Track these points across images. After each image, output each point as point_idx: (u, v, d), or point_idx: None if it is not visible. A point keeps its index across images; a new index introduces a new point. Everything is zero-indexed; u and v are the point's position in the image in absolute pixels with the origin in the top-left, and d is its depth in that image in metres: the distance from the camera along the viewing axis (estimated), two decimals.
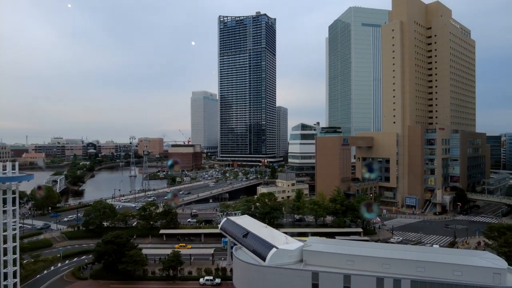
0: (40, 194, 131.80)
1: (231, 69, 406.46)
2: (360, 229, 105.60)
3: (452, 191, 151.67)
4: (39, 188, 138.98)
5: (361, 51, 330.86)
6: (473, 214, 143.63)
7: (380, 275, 48.82)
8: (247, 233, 65.04)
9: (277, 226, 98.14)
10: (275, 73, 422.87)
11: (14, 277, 56.42)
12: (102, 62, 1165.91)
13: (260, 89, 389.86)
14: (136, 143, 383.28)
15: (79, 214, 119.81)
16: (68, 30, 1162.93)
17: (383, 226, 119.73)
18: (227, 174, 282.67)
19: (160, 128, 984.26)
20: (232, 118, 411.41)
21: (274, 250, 54.94)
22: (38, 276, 74.29)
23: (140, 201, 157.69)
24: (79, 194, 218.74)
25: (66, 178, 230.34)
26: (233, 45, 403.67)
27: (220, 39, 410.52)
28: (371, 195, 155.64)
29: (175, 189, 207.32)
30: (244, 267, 57.18)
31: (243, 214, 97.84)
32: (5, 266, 54.91)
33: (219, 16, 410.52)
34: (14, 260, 56.07)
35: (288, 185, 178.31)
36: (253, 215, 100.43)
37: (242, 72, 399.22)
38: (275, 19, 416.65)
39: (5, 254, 54.61)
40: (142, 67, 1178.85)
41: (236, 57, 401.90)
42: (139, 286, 71.27)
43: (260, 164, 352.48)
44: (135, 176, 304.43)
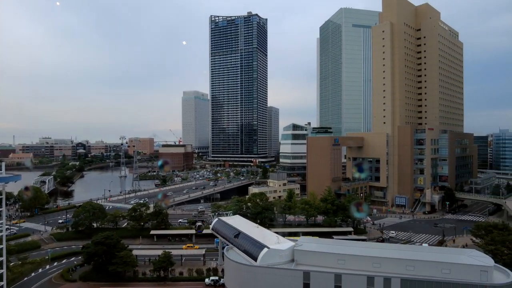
0: (28, 195, 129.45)
1: (222, 69, 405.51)
2: (351, 229, 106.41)
3: (441, 191, 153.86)
4: (26, 189, 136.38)
5: (352, 52, 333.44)
6: (461, 213, 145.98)
7: (370, 274, 49.27)
8: (238, 233, 64.94)
9: (269, 226, 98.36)
10: (267, 73, 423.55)
11: (1, 280, 55.37)
12: (91, 62, 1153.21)
13: (251, 89, 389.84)
14: (126, 143, 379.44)
15: (68, 215, 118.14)
16: (57, 30, 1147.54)
17: (373, 225, 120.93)
18: (218, 174, 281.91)
19: (150, 128, 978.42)
20: (224, 118, 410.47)
21: (265, 250, 54.97)
22: (25, 278, 72.99)
23: (130, 202, 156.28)
24: (68, 194, 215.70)
25: (54, 178, 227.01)
26: (224, 45, 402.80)
27: (211, 39, 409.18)
28: (361, 194, 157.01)
29: (166, 189, 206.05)
30: (236, 267, 57.10)
31: (234, 214, 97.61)
32: None
33: (211, 16, 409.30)
34: (1, 262, 55.02)
35: (280, 185, 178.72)
36: (244, 215, 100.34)
37: (233, 72, 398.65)
38: (266, 19, 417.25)
39: None
40: (132, 67, 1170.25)
41: (228, 57, 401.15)
42: None
43: (252, 164, 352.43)
44: (125, 176, 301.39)
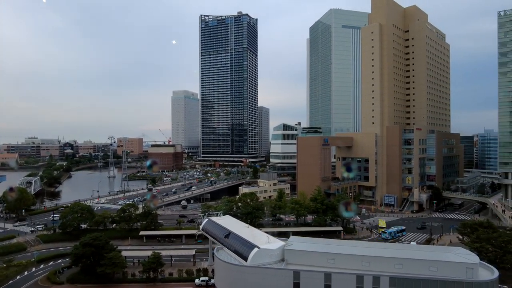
0: (12, 196, 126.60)
1: (212, 69, 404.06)
2: (340, 228, 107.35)
3: (428, 190, 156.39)
4: (11, 190, 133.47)
5: (341, 52, 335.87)
6: (448, 212, 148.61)
7: (360, 272, 49.77)
8: (228, 234, 64.87)
9: (259, 226, 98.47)
10: (257, 73, 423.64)
11: None
12: (79, 61, 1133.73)
13: (242, 89, 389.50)
14: (115, 143, 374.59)
15: (55, 216, 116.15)
16: (43, 28, 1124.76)
17: (363, 225, 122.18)
18: (208, 174, 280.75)
19: (140, 128, 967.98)
20: (214, 118, 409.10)
21: (255, 250, 55.04)
22: (10, 281, 71.26)
23: (119, 203, 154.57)
24: (55, 195, 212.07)
25: (41, 179, 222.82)
26: (214, 45, 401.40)
27: (201, 38, 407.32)
28: (350, 194, 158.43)
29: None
30: (226, 268, 57.01)
31: (224, 214, 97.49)
32: None
33: (201, 15, 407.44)
34: None
35: (270, 185, 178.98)
36: (235, 215, 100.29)
37: (223, 71, 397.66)
38: (256, 19, 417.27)
39: None
40: (121, 67, 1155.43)
41: (218, 57, 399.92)
42: None
43: (242, 164, 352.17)
44: (114, 176, 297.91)
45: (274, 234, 72.67)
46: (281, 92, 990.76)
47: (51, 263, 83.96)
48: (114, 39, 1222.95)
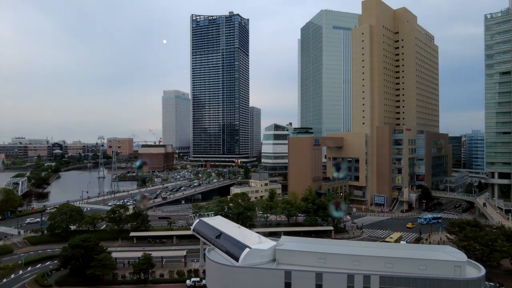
0: None
1: (203, 69, 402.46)
2: (331, 227, 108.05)
3: (418, 189, 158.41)
4: None
5: (332, 53, 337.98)
6: (437, 211, 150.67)
7: (350, 272, 50.18)
8: (220, 234, 64.75)
9: (250, 226, 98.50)
10: (249, 73, 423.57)
11: None
12: (67, 61, 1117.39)
13: (233, 89, 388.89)
14: (103, 144, 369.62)
15: (43, 218, 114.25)
16: (30, 28, 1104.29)
17: (353, 224, 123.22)
18: (200, 175, 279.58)
19: (130, 128, 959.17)
20: (205, 118, 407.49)
21: (247, 250, 55.04)
22: None
23: (108, 204, 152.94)
24: (43, 196, 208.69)
25: (29, 180, 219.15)
26: (205, 45, 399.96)
27: (192, 38, 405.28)
28: (341, 194, 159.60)
29: (148, 190, 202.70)
30: (217, 268, 56.89)
31: (216, 215, 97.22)
32: None
33: (192, 14, 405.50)
34: None
35: (262, 185, 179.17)
36: (226, 215, 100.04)
37: (215, 71, 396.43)
38: (248, 19, 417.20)
39: None
40: (111, 67, 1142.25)
41: (209, 57, 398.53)
42: None
43: (234, 164, 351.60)
44: (103, 177, 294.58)
45: (265, 234, 72.76)
46: (273, 93, 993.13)
47: (39, 265, 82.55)
48: (103, 38, 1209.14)
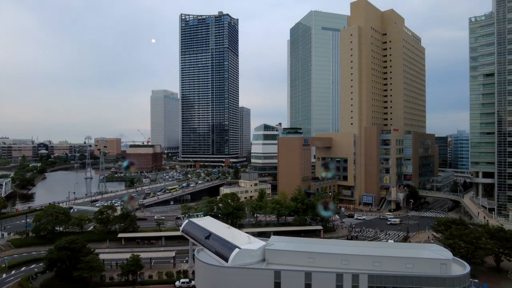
0: None
1: (193, 68, 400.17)
2: (320, 227, 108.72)
3: (405, 189, 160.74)
4: None
5: (321, 54, 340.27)
6: (424, 210, 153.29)
7: (339, 271, 50.54)
8: (209, 235, 64.43)
9: (240, 226, 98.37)
10: (238, 73, 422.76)
11: None
12: (54, 61, 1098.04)
13: (222, 89, 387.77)
14: (91, 146, 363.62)
15: (28, 220, 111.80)
16: (15, 28, 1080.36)
17: (342, 223, 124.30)
18: (189, 175, 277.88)
19: (118, 128, 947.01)
20: (194, 117, 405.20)
21: (236, 250, 54.91)
22: None
23: (96, 204, 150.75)
24: (28, 198, 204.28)
25: (13, 181, 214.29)
26: (195, 44, 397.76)
27: (181, 37, 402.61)
28: (330, 193, 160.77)
29: (136, 191, 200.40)
30: (206, 269, 56.58)
31: (205, 215, 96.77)
32: None
33: (181, 14, 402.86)
34: None
35: (251, 185, 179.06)
36: (215, 216, 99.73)
37: (204, 71, 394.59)
38: (237, 19, 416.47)
39: None
40: (99, 66, 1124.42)
41: (198, 56, 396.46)
42: None
43: (223, 164, 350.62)
44: (91, 178, 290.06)
45: (255, 234, 72.76)
46: (262, 93, 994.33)
47: (23, 268, 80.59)
48: (90, 38, 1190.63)
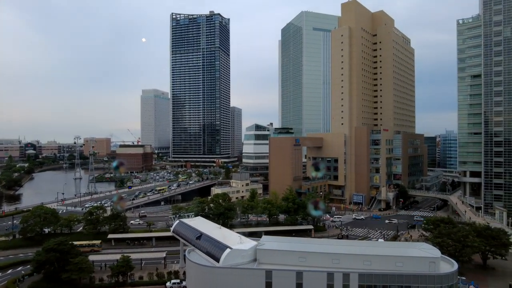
0: None
1: (183, 68, 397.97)
2: (311, 226, 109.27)
3: (395, 188, 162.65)
4: None
5: (312, 54, 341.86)
6: (413, 209, 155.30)
7: (330, 270, 50.85)
8: (200, 235, 64.18)
9: (231, 227, 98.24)
10: (229, 73, 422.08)
11: None
12: (42, 60, 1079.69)
13: (214, 89, 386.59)
14: (81, 143, 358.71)
15: (15, 221, 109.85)
16: (1, 26, 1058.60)
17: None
18: (179, 175, 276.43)
19: (107, 127, 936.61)
20: (185, 117, 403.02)
21: (228, 250, 54.81)
22: None
23: (85, 205, 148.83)
24: (15, 199, 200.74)
25: None
26: (186, 44, 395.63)
27: (172, 36, 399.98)
28: (321, 193, 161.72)
29: (126, 191, 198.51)
30: (197, 269, 56.34)
31: (196, 215, 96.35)
32: None
33: (172, 13, 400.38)
34: None
35: (243, 185, 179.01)
36: (206, 216, 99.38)
37: (195, 71, 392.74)
38: (228, 19, 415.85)
39: None
40: (87, 66, 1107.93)
41: (189, 56, 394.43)
42: None
43: (215, 164, 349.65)
44: (80, 178, 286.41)
45: (246, 234, 72.73)
46: (254, 93, 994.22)
47: (10, 271, 79.08)
48: (79, 37, 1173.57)
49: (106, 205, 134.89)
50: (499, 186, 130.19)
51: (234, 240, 59.38)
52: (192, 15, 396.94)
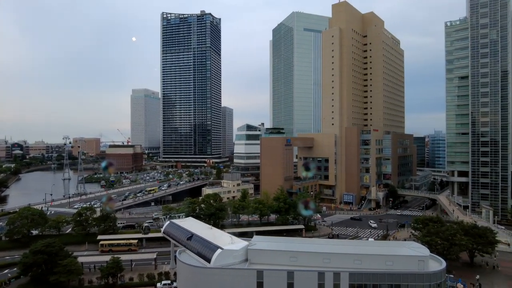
0: None
1: (174, 67, 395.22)
2: (302, 226, 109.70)
3: (385, 188, 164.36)
4: None
5: (303, 55, 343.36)
6: (403, 208, 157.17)
7: (321, 269, 51.15)
8: (191, 236, 63.86)
9: (222, 227, 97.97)
10: (221, 73, 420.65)
11: None
12: (28, 59, 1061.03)
13: (205, 89, 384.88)
14: (70, 143, 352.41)
15: (0, 223, 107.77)
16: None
17: (323, 222, 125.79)
18: (170, 176, 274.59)
19: (97, 127, 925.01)
20: (176, 117, 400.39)
21: (219, 251, 54.67)
22: None
23: (74, 206, 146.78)
24: (1, 200, 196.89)
25: None
26: (176, 43, 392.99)
27: (163, 36, 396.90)
28: (312, 193, 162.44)
29: (114, 192, 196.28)
30: (189, 270, 56.06)
31: (187, 216, 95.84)
32: None
33: (162, 12, 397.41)
34: None
35: (234, 185, 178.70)
36: (197, 217, 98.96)
37: (186, 70, 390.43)
38: (220, 19, 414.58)
39: None
40: (76, 65, 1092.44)
41: (180, 56, 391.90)
42: None
43: (206, 165, 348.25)
44: (69, 179, 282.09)
45: (237, 235, 72.58)
46: (245, 93, 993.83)
47: None
48: (68, 36, 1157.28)
49: (95, 206, 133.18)
50: (486, 185, 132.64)
51: (225, 241, 59.25)
52: (183, 14, 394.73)
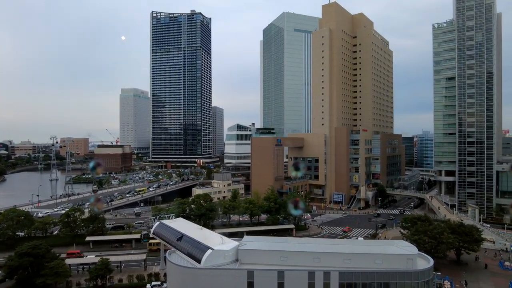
0: None
1: (164, 67, 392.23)
2: (292, 226, 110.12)
3: (374, 187, 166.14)
4: None
5: (293, 55, 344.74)
6: (392, 208, 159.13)
7: (311, 269, 51.37)
8: (181, 236, 63.43)
9: (213, 227, 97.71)
10: (211, 73, 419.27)
11: None
12: (13, 56, 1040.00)
13: (195, 89, 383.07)
14: (57, 143, 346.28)
15: None
16: None
17: (313, 222, 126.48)
18: (160, 176, 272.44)
19: (85, 127, 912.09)
20: (166, 117, 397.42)
21: (209, 251, 54.44)
22: None
23: (62, 208, 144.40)
24: None
25: None
26: (166, 42, 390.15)
27: (152, 35, 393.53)
28: (302, 192, 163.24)
29: (103, 192, 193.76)
30: (179, 271, 55.68)
31: (177, 217, 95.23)
32: None
33: (152, 11, 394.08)
34: None
35: (224, 186, 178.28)
36: (188, 217, 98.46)
37: (176, 70, 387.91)
38: (210, 18, 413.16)
39: None
40: (65, 64, 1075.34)
41: (170, 55, 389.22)
42: None
43: (196, 165, 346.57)
44: (56, 179, 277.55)
45: (227, 235, 72.47)
46: (235, 93, 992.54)
47: None
48: (57, 37, 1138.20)
49: (84, 207, 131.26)
50: (472, 184, 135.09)
51: (216, 241, 59.03)
52: (173, 13, 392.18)
